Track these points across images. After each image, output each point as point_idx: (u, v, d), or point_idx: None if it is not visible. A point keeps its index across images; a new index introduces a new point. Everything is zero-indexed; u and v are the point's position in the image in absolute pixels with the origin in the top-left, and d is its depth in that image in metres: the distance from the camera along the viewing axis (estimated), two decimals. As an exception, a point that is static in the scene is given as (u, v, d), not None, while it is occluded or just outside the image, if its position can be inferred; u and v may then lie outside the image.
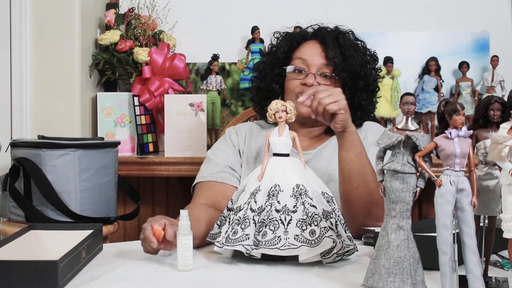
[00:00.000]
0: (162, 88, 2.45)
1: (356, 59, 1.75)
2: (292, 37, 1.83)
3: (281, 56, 1.81)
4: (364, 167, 1.52)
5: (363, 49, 1.81)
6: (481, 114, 1.07)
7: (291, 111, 1.29)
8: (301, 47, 1.80)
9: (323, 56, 1.74)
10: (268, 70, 1.83)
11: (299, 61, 1.76)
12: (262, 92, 1.85)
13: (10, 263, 1.08)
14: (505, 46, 2.57)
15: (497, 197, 1.02)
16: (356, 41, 1.82)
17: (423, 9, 2.63)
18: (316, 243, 1.19)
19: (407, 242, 0.99)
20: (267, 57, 1.87)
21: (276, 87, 1.81)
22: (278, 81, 1.81)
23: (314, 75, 1.72)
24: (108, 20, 2.56)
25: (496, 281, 1.10)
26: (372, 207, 1.51)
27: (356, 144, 1.52)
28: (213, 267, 1.27)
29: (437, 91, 2.52)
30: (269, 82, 1.82)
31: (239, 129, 1.86)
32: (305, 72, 1.74)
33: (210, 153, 1.81)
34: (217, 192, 1.66)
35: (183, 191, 2.67)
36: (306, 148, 1.75)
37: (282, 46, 1.82)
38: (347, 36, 1.79)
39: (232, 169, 1.74)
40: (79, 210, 1.83)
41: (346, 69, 1.73)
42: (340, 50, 1.74)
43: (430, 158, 0.99)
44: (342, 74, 1.73)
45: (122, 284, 1.16)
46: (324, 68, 1.74)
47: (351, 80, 1.74)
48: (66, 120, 2.40)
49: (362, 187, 1.52)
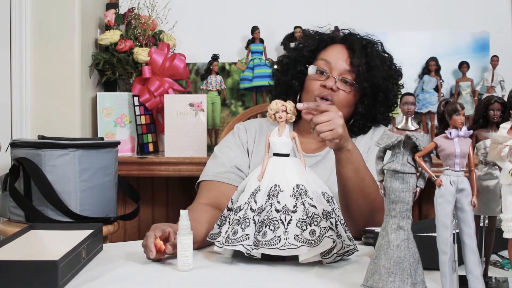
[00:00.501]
0: (162, 88, 2.45)
1: (380, 71, 1.73)
2: (321, 37, 1.82)
3: (306, 54, 1.79)
4: (362, 181, 1.51)
5: (389, 63, 1.79)
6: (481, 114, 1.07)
7: (291, 111, 1.29)
8: (327, 49, 1.78)
9: (347, 61, 1.73)
10: (291, 66, 1.81)
11: (323, 62, 1.75)
12: (281, 87, 1.83)
13: (10, 263, 1.08)
14: (505, 46, 2.57)
15: (497, 197, 1.02)
16: (384, 53, 1.80)
17: (423, 9, 2.63)
18: (316, 243, 1.19)
19: (407, 242, 0.99)
20: (293, 52, 1.85)
21: (296, 84, 1.79)
22: (298, 78, 1.79)
23: (335, 79, 1.71)
24: (108, 20, 2.56)
25: (496, 281, 1.10)
26: (374, 214, 1.51)
27: (352, 160, 1.50)
28: (213, 267, 1.27)
29: (437, 91, 2.52)
30: (289, 78, 1.80)
31: (248, 126, 1.84)
32: (326, 74, 1.72)
33: (217, 149, 1.80)
34: (222, 193, 1.65)
35: (183, 191, 2.67)
36: (315, 150, 1.75)
37: (309, 44, 1.81)
38: (375, 47, 1.78)
39: (239, 169, 1.72)
40: (79, 210, 1.83)
41: (368, 79, 1.71)
42: (366, 60, 1.73)
43: (430, 158, 0.99)
44: (364, 83, 1.71)
45: (122, 284, 1.16)
46: (346, 74, 1.72)
47: (371, 91, 1.72)
48: (66, 120, 2.40)
49: (361, 199, 1.52)
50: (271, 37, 2.60)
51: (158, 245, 1.27)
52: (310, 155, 1.74)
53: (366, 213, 1.52)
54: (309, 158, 1.74)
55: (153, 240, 1.28)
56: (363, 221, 1.53)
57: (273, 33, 2.61)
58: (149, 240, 1.29)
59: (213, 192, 1.66)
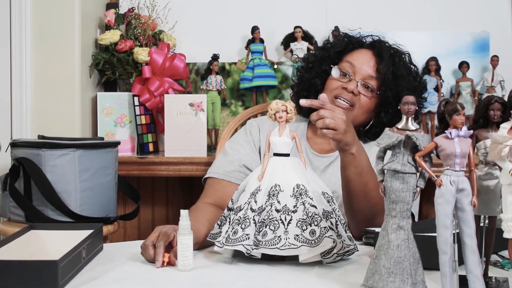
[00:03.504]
0: (162, 88, 2.45)
1: (406, 82, 1.73)
2: (350, 39, 1.82)
3: (333, 54, 1.80)
4: (365, 185, 1.50)
5: (415, 74, 1.80)
6: (481, 114, 1.07)
7: (292, 111, 1.29)
8: (354, 52, 1.78)
9: (374, 68, 1.73)
10: (316, 64, 1.82)
11: (348, 64, 1.75)
12: (304, 84, 1.83)
13: (10, 263, 1.08)
14: (505, 46, 2.57)
15: (497, 197, 1.02)
16: (411, 64, 1.81)
17: (423, 9, 2.63)
18: (316, 243, 1.19)
19: (407, 242, 0.99)
20: (320, 51, 1.85)
21: (318, 82, 1.79)
22: (322, 77, 1.79)
23: (357, 82, 1.71)
24: (108, 20, 2.56)
25: (496, 281, 1.10)
26: (375, 217, 1.51)
27: (355, 164, 1.49)
28: (213, 267, 1.27)
29: (437, 91, 2.52)
30: (313, 76, 1.80)
31: (261, 123, 1.82)
32: (349, 76, 1.73)
33: (227, 145, 1.79)
34: (228, 194, 1.62)
35: (183, 191, 2.67)
36: (329, 151, 1.75)
37: (337, 45, 1.81)
38: (403, 57, 1.78)
39: (247, 168, 1.71)
40: (79, 210, 1.83)
41: (393, 88, 1.71)
42: (393, 68, 1.72)
43: (430, 158, 0.99)
44: (388, 92, 1.71)
45: (122, 284, 1.16)
46: (370, 79, 1.72)
47: (395, 100, 1.71)
48: (66, 120, 2.40)
49: (364, 202, 1.52)
50: (271, 37, 2.60)
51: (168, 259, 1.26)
52: (324, 156, 1.74)
53: (368, 215, 1.52)
54: (323, 159, 1.74)
55: (162, 251, 1.26)
56: (364, 222, 1.53)
57: (273, 33, 2.61)
58: (158, 250, 1.26)
59: (219, 193, 1.66)
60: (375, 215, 1.50)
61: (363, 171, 1.50)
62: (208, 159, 2.27)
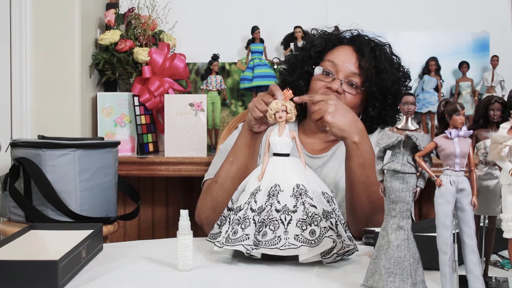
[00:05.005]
0: (162, 88, 2.45)
1: (389, 74, 1.71)
2: (329, 38, 1.80)
3: (313, 54, 1.78)
4: (367, 178, 1.50)
5: (397, 65, 1.78)
6: (481, 114, 1.07)
7: (291, 111, 1.29)
8: (335, 50, 1.77)
9: (356, 64, 1.71)
10: (298, 66, 1.80)
11: (329, 64, 1.73)
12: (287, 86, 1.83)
13: (10, 263, 1.08)
14: (505, 46, 2.57)
15: (497, 197, 1.02)
16: (392, 55, 1.79)
17: (423, 9, 2.63)
18: (316, 243, 1.19)
19: (407, 242, 0.99)
20: (300, 52, 1.84)
21: (302, 84, 1.78)
22: (305, 79, 1.78)
23: (340, 81, 1.70)
24: (108, 20, 2.56)
25: (496, 281, 1.10)
26: (374, 215, 1.51)
27: (358, 154, 1.49)
28: (213, 267, 1.27)
29: (437, 91, 2.52)
30: (296, 78, 1.79)
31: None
32: (332, 76, 1.71)
33: (222, 147, 1.79)
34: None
35: (183, 191, 2.67)
36: (321, 151, 1.75)
37: (317, 44, 1.79)
38: (384, 49, 1.76)
39: None
40: (79, 210, 1.83)
41: (377, 83, 1.70)
42: (375, 63, 1.71)
43: (430, 158, 0.99)
44: (373, 87, 1.70)
45: (122, 284, 1.16)
46: (353, 76, 1.71)
47: (380, 94, 1.71)
48: (66, 120, 2.40)
49: (364, 196, 1.52)
50: (271, 37, 2.60)
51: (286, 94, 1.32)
52: (317, 156, 1.74)
53: (368, 211, 1.52)
54: (316, 160, 1.74)
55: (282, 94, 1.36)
56: (363, 220, 1.53)
57: (273, 33, 2.61)
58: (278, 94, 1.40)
59: None
60: (374, 211, 1.50)
61: (366, 163, 1.50)
62: (208, 159, 2.27)
